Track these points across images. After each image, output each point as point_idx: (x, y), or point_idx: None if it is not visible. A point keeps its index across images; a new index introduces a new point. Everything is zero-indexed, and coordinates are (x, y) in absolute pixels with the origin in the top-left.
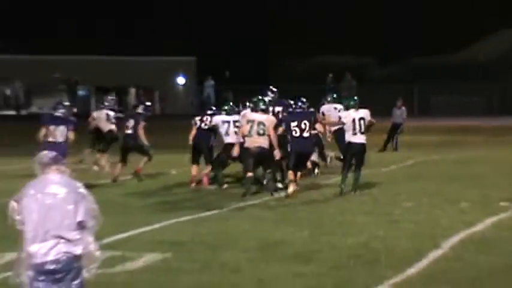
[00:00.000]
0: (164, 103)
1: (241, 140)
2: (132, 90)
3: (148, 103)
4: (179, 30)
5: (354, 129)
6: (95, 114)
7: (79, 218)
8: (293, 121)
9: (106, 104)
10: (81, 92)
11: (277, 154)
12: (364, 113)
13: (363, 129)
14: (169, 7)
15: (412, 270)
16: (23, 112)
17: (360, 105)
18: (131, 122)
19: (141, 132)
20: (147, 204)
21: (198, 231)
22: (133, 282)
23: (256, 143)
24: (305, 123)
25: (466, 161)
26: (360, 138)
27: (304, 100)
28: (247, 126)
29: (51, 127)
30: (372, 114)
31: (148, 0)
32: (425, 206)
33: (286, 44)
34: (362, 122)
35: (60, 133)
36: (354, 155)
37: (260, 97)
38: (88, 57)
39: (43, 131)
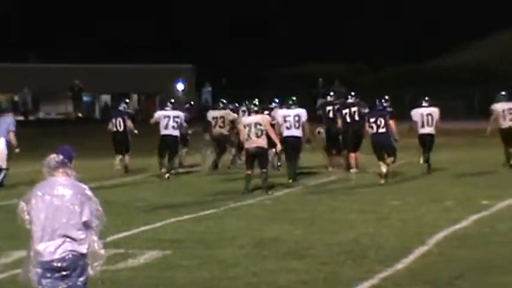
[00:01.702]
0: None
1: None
2: (135, 96)
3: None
4: (179, 38)
5: (422, 122)
6: None
7: (84, 218)
8: (371, 117)
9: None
10: (85, 98)
11: (278, 147)
12: (432, 110)
13: (430, 123)
14: (171, 18)
15: (399, 266)
16: (31, 118)
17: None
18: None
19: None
20: (148, 205)
21: (197, 229)
22: (135, 278)
23: (254, 143)
24: (380, 120)
25: (450, 161)
26: (427, 130)
27: (387, 98)
28: (245, 130)
29: (113, 119)
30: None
31: (152, 11)
32: (411, 205)
33: (279, 52)
34: (429, 117)
35: (119, 123)
36: (423, 144)
37: (254, 101)
38: (92, 65)
39: (110, 124)
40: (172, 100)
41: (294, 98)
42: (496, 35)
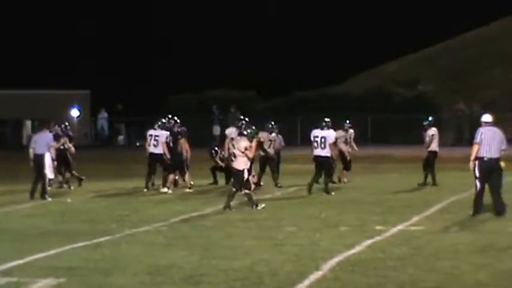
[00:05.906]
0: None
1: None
2: (28, 123)
3: None
4: (75, 64)
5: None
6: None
7: None
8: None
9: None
10: None
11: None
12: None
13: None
14: (65, 42)
15: None
16: None
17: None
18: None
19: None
20: (43, 232)
21: (92, 256)
22: None
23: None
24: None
25: (344, 187)
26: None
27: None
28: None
29: (56, 141)
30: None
31: (45, 35)
32: (306, 231)
33: (177, 79)
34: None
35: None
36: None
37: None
38: None
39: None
40: (164, 120)
41: (328, 120)
42: (382, 65)
